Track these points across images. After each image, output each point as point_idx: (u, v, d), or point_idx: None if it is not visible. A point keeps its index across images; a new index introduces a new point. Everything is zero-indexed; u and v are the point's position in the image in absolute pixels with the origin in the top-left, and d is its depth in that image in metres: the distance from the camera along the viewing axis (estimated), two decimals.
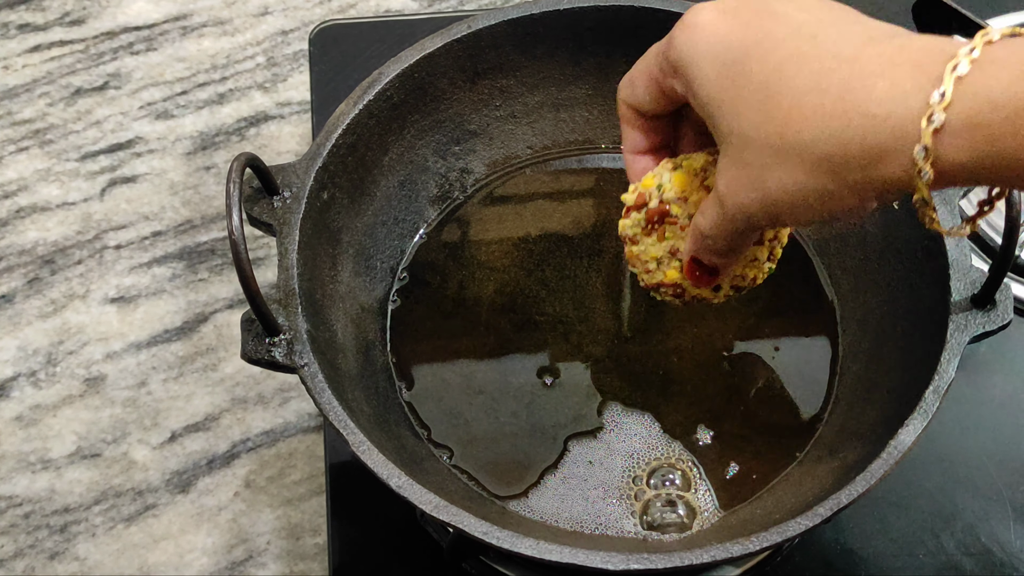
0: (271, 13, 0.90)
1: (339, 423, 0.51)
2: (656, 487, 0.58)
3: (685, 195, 0.51)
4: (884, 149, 0.39)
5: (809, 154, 0.41)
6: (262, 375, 0.72)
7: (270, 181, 0.56)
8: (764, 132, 0.42)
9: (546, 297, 0.64)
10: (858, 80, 0.39)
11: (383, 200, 0.63)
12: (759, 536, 0.48)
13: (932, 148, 0.38)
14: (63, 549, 0.67)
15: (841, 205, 0.42)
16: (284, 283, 0.54)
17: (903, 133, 0.38)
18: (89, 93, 0.85)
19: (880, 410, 0.56)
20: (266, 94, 0.85)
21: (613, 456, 0.59)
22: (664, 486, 0.58)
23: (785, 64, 0.42)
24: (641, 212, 0.52)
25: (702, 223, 0.48)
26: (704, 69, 0.44)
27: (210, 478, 0.69)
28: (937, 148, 0.38)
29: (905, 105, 0.38)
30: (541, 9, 0.64)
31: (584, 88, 0.67)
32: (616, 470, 0.58)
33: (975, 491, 0.64)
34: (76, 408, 0.71)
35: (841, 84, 0.40)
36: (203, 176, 0.81)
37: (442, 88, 0.64)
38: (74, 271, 0.77)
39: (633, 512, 0.57)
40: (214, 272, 0.77)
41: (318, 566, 0.66)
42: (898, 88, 0.39)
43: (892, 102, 0.39)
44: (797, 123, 0.41)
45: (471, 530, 0.48)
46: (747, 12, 0.44)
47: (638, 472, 0.58)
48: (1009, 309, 0.54)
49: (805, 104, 0.40)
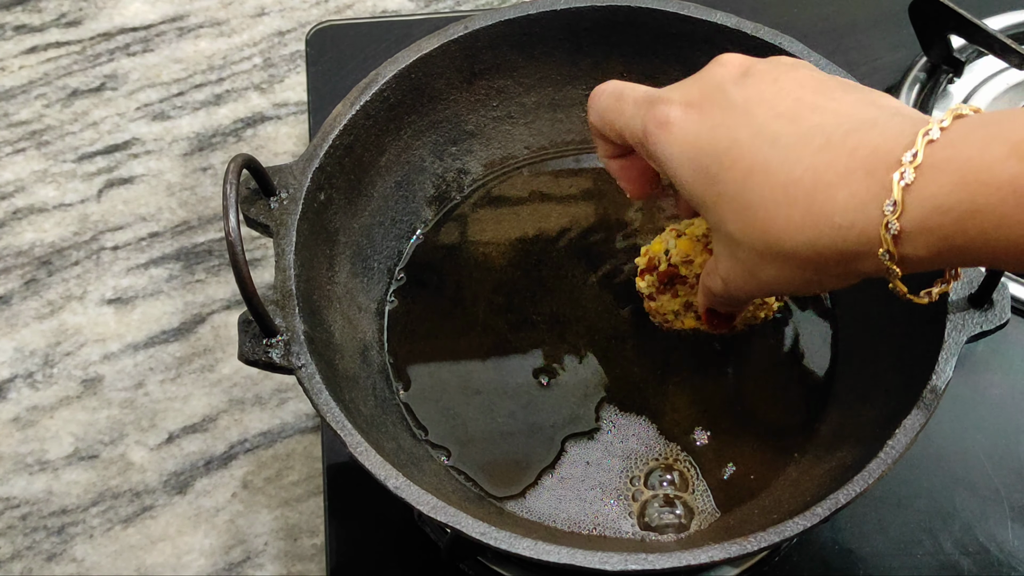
0: (268, 14, 0.90)
1: (336, 424, 0.50)
2: (654, 488, 0.58)
3: (691, 258, 0.55)
4: (855, 253, 0.43)
5: (792, 258, 0.45)
6: (259, 376, 0.72)
7: (267, 182, 0.56)
8: (749, 238, 0.46)
9: (543, 297, 0.64)
10: (821, 192, 0.42)
11: (380, 201, 0.63)
12: (757, 536, 0.48)
13: (894, 251, 0.41)
14: (60, 551, 0.67)
15: (832, 285, 0.47)
16: (281, 284, 0.54)
17: (868, 239, 0.42)
18: (86, 94, 0.85)
19: (878, 410, 0.56)
20: (263, 95, 0.85)
21: (610, 457, 0.59)
22: (662, 487, 0.58)
23: (754, 174, 0.44)
24: (653, 274, 0.57)
25: (710, 287, 0.52)
26: (682, 172, 0.48)
27: (207, 479, 0.69)
28: (899, 249, 0.41)
29: (865, 214, 0.41)
30: (538, 9, 0.64)
31: (581, 88, 0.67)
32: (614, 471, 0.58)
33: (973, 491, 0.64)
34: (73, 409, 0.71)
35: (806, 196, 0.43)
36: (200, 177, 0.81)
37: (439, 89, 0.64)
38: (71, 272, 0.77)
39: (631, 513, 0.57)
40: (211, 273, 0.77)
41: (316, 567, 0.66)
42: (856, 198, 0.41)
43: (854, 212, 0.42)
44: (776, 233, 0.44)
45: (468, 531, 0.48)
46: (711, 108, 0.47)
47: (635, 473, 0.58)
48: (1006, 309, 0.54)
49: (779, 216, 0.44)
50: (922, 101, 0.80)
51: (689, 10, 0.63)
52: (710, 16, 0.63)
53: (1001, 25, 0.81)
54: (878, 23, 0.85)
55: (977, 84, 0.80)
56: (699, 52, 0.64)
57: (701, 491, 0.58)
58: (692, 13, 0.63)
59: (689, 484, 0.58)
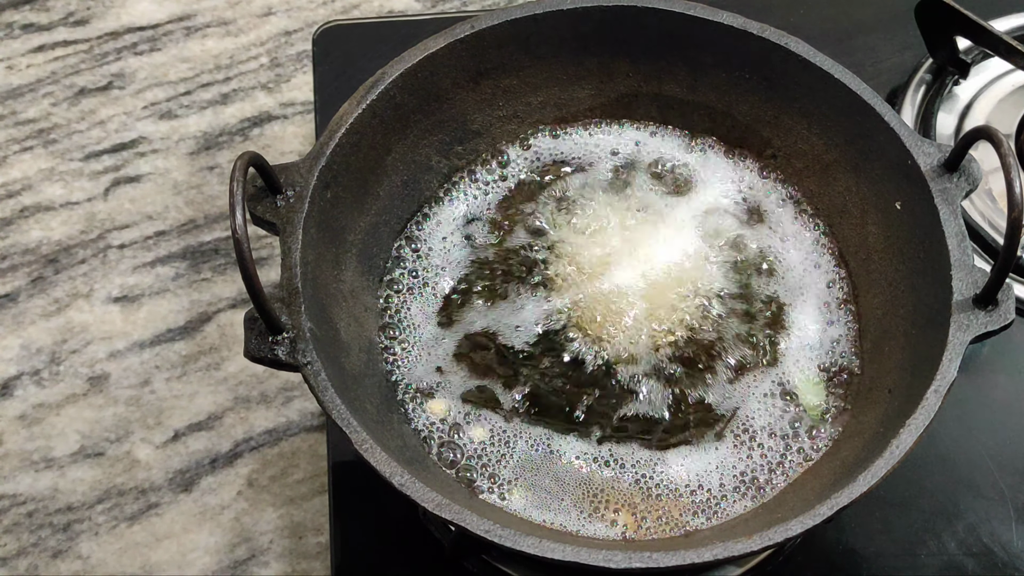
0: (275, 14, 0.90)
1: (342, 421, 0.51)
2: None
3: None
4: None
5: None
6: (265, 374, 0.72)
7: (273, 180, 0.56)
8: None
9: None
10: None
11: (386, 199, 0.63)
12: (760, 535, 0.48)
13: None
14: (66, 548, 0.67)
15: None
16: (287, 282, 0.54)
17: None
18: (93, 93, 0.86)
19: (882, 410, 0.56)
20: (270, 94, 0.86)
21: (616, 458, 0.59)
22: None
23: None
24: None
25: None
26: None
27: (213, 477, 0.69)
28: None
29: None
30: (544, 9, 0.64)
31: (587, 88, 0.67)
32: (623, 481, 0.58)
33: (977, 491, 0.65)
34: (79, 407, 0.72)
35: None
36: (206, 176, 0.82)
37: (445, 88, 0.64)
38: (78, 270, 0.77)
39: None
40: (217, 272, 0.77)
41: (320, 565, 0.66)
42: None
43: None
44: None
45: (473, 528, 0.48)
46: None
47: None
48: (1011, 309, 0.54)
49: None
50: (928, 103, 0.80)
51: (695, 11, 0.63)
52: (716, 16, 0.63)
53: (1007, 27, 0.81)
54: (884, 24, 0.85)
55: (983, 86, 0.80)
56: (705, 53, 0.65)
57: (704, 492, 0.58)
58: (698, 14, 0.63)
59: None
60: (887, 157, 0.60)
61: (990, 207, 0.74)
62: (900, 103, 0.80)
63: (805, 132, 0.65)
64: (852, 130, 0.62)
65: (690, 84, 0.66)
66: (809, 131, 0.64)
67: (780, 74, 0.64)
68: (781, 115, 0.65)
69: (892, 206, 0.60)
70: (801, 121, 0.64)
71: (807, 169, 0.65)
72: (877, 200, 0.61)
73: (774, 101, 0.65)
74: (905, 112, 0.79)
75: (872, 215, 0.62)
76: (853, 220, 0.63)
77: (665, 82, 0.67)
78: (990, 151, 0.54)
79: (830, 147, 0.64)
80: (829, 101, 0.62)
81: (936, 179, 0.57)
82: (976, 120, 0.78)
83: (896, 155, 0.59)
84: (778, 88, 0.64)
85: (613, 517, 0.56)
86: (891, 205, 0.60)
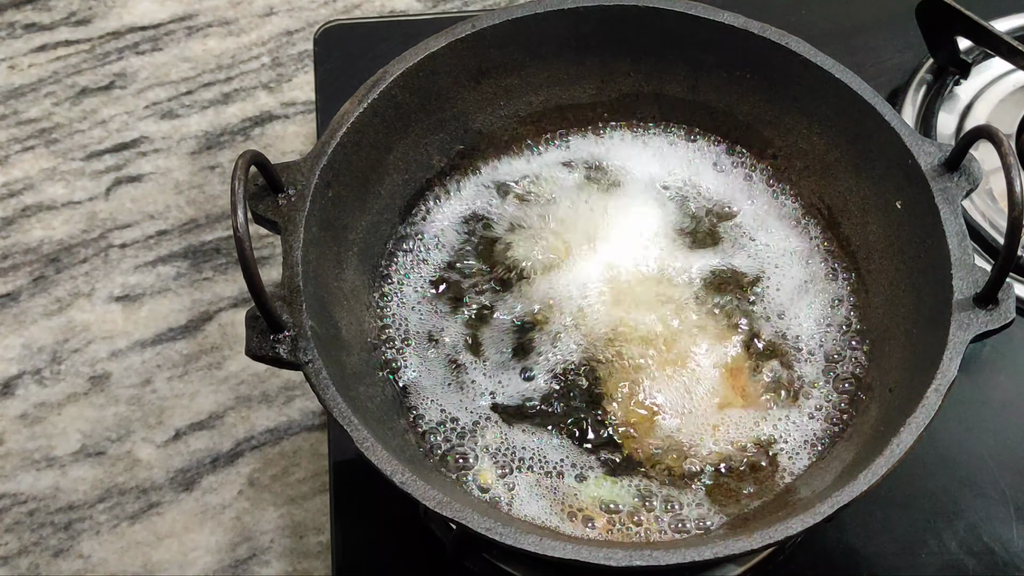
0: (276, 13, 0.90)
1: (343, 419, 0.51)
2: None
3: None
4: None
5: None
6: (266, 373, 0.72)
7: (275, 179, 0.56)
8: None
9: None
10: None
11: (387, 198, 0.64)
12: (761, 533, 0.48)
13: None
14: (67, 547, 0.67)
15: None
16: (289, 280, 0.54)
17: None
18: (95, 93, 0.86)
19: (882, 408, 0.56)
20: (271, 94, 0.86)
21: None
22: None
23: None
24: None
25: None
26: None
27: (214, 476, 0.69)
28: None
29: None
30: (545, 9, 0.64)
31: (588, 88, 0.68)
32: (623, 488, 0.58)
33: (977, 491, 0.65)
34: (81, 406, 0.72)
35: None
36: (208, 175, 0.82)
37: (446, 87, 0.64)
38: (79, 270, 0.77)
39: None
40: (218, 271, 0.77)
41: (321, 564, 0.66)
42: None
43: None
44: None
45: (474, 526, 0.48)
46: None
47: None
48: (1011, 308, 0.54)
49: None
50: (928, 102, 0.80)
51: (696, 10, 0.64)
52: (717, 16, 0.63)
53: (1008, 27, 0.81)
54: (885, 24, 0.85)
55: (984, 86, 0.81)
56: (706, 52, 0.65)
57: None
58: (699, 13, 0.63)
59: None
60: (888, 157, 0.60)
61: (990, 207, 0.74)
62: (901, 103, 0.80)
63: (806, 132, 0.65)
64: (853, 130, 0.62)
65: (691, 84, 0.67)
66: (810, 131, 0.64)
67: (781, 74, 0.64)
68: (782, 115, 0.65)
69: (893, 205, 0.60)
70: (802, 121, 0.65)
71: (808, 169, 0.65)
72: (878, 199, 0.61)
73: (775, 101, 0.65)
74: (906, 112, 0.79)
75: (873, 214, 0.62)
76: (854, 219, 0.63)
77: (666, 82, 0.67)
78: (991, 151, 0.54)
79: (831, 147, 0.64)
80: (830, 101, 0.62)
81: (937, 178, 0.57)
82: (977, 120, 0.78)
83: (897, 155, 0.59)
84: (779, 88, 0.64)
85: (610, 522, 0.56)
86: (892, 204, 0.60)
